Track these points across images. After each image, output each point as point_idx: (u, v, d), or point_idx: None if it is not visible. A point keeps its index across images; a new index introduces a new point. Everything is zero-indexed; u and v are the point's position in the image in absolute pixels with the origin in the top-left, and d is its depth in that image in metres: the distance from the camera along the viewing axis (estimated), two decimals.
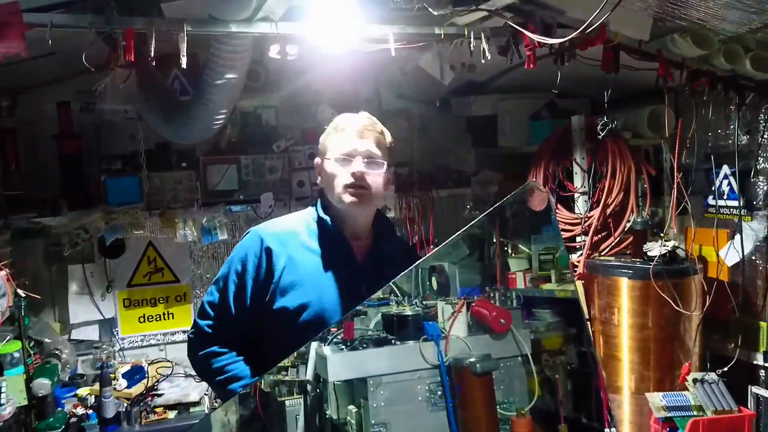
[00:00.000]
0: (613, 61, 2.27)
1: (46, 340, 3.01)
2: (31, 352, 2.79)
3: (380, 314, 2.81)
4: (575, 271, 2.89)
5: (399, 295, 3.01)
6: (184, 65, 1.88)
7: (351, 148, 1.74)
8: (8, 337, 2.54)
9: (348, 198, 1.74)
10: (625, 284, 2.63)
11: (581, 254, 2.87)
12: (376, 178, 1.76)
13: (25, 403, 2.61)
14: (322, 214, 1.82)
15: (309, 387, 2.16)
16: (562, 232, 2.91)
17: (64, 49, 1.79)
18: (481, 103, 3.57)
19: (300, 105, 3.59)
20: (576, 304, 2.71)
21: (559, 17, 2.07)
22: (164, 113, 2.80)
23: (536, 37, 1.99)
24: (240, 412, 1.87)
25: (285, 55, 2.08)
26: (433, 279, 3.53)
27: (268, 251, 1.75)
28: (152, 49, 1.79)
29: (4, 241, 2.66)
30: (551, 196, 2.80)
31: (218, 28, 2.00)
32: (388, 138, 1.83)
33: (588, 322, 2.45)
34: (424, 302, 3.02)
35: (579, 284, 2.82)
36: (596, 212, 2.82)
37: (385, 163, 1.78)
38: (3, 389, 2.35)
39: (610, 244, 2.83)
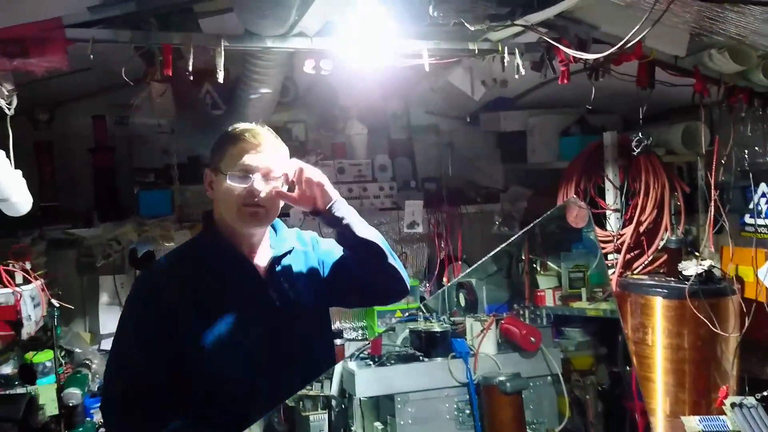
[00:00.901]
0: (648, 77, 2.24)
1: (77, 350, 3.04)
2: (62, 362, 2.82)
3: (408, 330, 2.80)
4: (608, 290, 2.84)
5: (425, 311, 3.00)
6: (221, 80, 1.90)
7: (248, 164, 1.59)
8: (44, 347, 2.58)
9: (246, 218, 1.60)
10: (659, 304, 2.57)
11: (613, 272, 2.82)
12: (274, 191, 1.61)
13: (56, 412, 2.63)
14: (209, 239, 1.68)
15: (334, 402, 2.14)
16: None
17: (99, 63, 1.83)
18: (510, 119, 3.56)
19: (329, 120, 3.61)
20: (607, 323, 2.66)
21: (593, 32, 2.06)
22: (198, 127, 2.84)
23: (572, 52, 1.97)
24: (263, 427, 1.84)
25: (319, 70, 2.10)
26: (461, 295, 3.52)
27: (164, 295, 1.59)
28: (190, 64, 1.82)
29: (39, 252, 2.71)
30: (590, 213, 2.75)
31: (254, 43, 2.02)
32: (285, 150, 1.69)
33: (627, 343, 2.40)
34: (452, 319, 3.00)
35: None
36: (629, 230, 2.78)
37: (282, 177, 1.63)
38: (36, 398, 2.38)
39: (644, 263, 2.78)
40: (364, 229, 1.66)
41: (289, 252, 1.73)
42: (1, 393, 2.36)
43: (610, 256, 2.88)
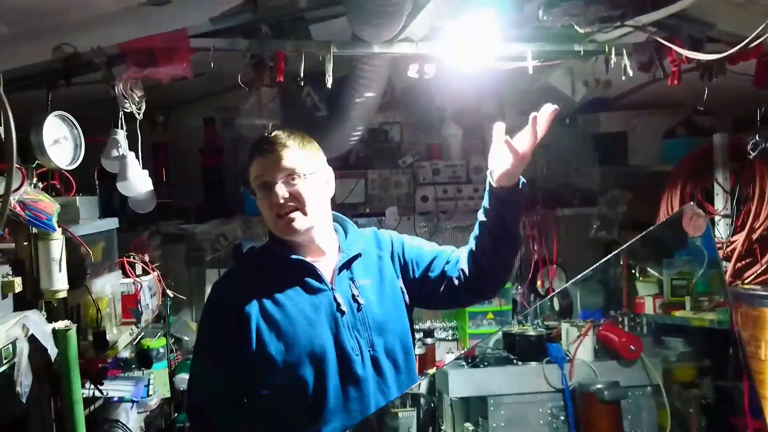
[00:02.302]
0: (767, 76, 2.11)
1: (185, 338, 3.25)
2: (173, 349, 3.03)
3: (501, 332, 2.78)
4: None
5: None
6: (329, 85, 1.97)
7: (265, 176, 1.58)
8: (159, 334, 2.78)
9: (284, 228, 1.58)
10: None
11: None
12: (302, 192, 1.58)
13: (168, 395, 2.83)
14: (272, 247, 1.68)
15: (423, 400, 2.17)
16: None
17: (211, 69, 1.95)
18: (611, 120, 3.44)
19: (424, 121, 3.64)
20: (714, 334, 2.53)
21: (708, 30, 1.96)
22: (303, 130, 2.95)
23: (686, 53, 1.88)
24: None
25: (423, 74, 2.13)
26: (555, 299, 3.45)
27: (236, 307, 1.60)
28: (301, 71, 1.91)
29: (155, 246, 2.92)
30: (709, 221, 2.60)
31: (362, 48, 2.07)
32: (306, 144, 1.65)
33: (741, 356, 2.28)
34: (546, 323, 2.96)
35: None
36: (740, 237, 2.62)
37: (308, 173, 1.60)
38: (151, 382, 2.57)
39: (757, 272, 2.62)
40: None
41: (359, 256, 1.68)
42: (122, 375, 2.56)
43: None
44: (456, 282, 1.69)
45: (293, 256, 1.63)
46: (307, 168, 1.60)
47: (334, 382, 1.57)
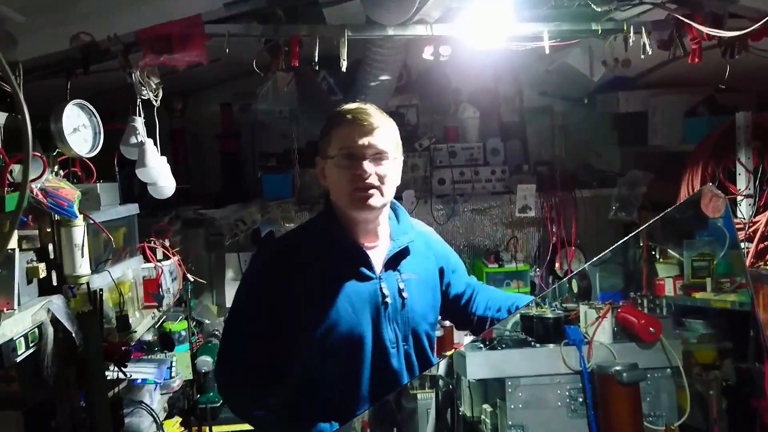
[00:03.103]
0: None
1: (206, 321, 3.30)
2: (195, 331, 3.08)
3: (519, 315, 2.77)
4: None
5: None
6: (344, 69, 1.96)
7: (356, 145, 1.52)
8: (180, 317, 2.83)
9: (358, 203, 1.54)
10: None
11: None
12: (386, 174, 1.54)
13: (190, 377, 2.88)
14: (326, 225, 1.62)
15: (441, 382, 2.19)
16: None
17: (226, 55, 1.95)
18: (630, 100, 3.39)
19: (441, 103, 3.63)
20: (735, 316, 2.50)
21: (729, 6, 1.91)
22: (319, 114, 2.97)
23: (707, 30, 1.84)
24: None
25: (438, 56, 2.11)
26: (573, 281, 3.43)
27: (280, 276, 1.58)
28: (316, 55, 1.91)
29: (176, 230, 2.96)
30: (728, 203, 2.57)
31: (376, 32, 2.05)
32: (394, 128, 1.60)
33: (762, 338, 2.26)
34: (564, 305, 2.94)
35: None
36: (763, 217, 2.59)
37: (395, 158, 1.57)
38: (173, 364, 2.62)
39: None
40: None
41: (409, 246, 1.66)
42: (145, 357, 2.61)
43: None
44: (463, 318, 1.83)
45: (348, 241, 1.60)
46: (394, 152, 1.58)
47: (367, 372, 1.58)
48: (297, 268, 1.58)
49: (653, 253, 3.23)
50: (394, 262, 1.63)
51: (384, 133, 1.55)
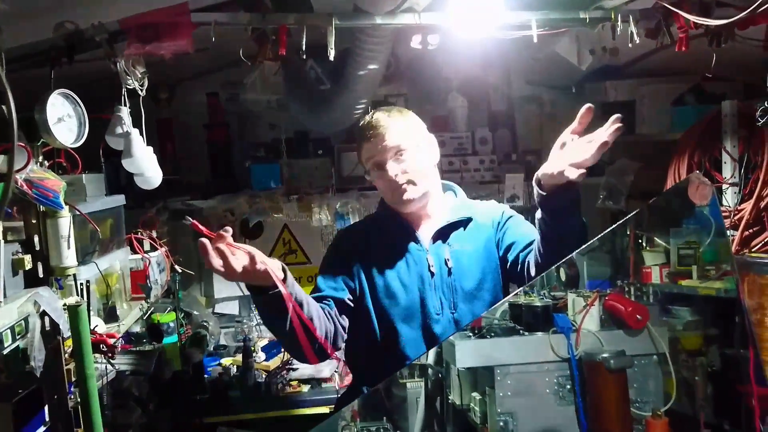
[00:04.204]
0: None
1: (195, 312, 3.29)
2: (183, 323, 3.07)
3: (507, 303, 2.78)
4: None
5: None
6: (332, 58, 1.96)
7: (376, 158, 1.76)
8: (168, 309, 2.81)
9: (400, 200, 1.77)
10: None
11: None
12: (412, 165, 1.75)
13: (180, 368, 2.88)
14: (381, 210, 1.89)
15: (430, 371, 2.20)
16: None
17: (214, 44, 1.94)
18: (617, 88, 3.41)
19: (429, 92, 3.62)
20: (720, 303, 2.53)
21: None
22: (308, 103, 2.95)
23: (694, 18, 1.85)
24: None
25: (426, 45, 2.11)
26: (561, 270, 3.45)
27: (350, 247, 1.83)
28: (303, 44, 1.89)
29: (163, 222, 2.94)
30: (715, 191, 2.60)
31: (364, 20, 2.06)
32: (406, 121, 1.80)
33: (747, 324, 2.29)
34: (552, 293, 2.96)
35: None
36: (748, 205, 2.61)
37: (413, 146, 1.76)
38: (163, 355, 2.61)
39: (764, 240, 2.61)
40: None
41: (462, 222, 1.83)
42: (133, 349, 2.60)
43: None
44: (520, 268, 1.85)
45: (398, 221, 1.82)
46: (411, 141, 1.76)
47: (415, 335, 1.77)
48: (357, 245, 1.82)
49: (640, 241, 3.25)
50: (443, 235, 1.82)
51: (394, 132, 1.74)
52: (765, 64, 2.36)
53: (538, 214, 1.68)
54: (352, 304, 1.81)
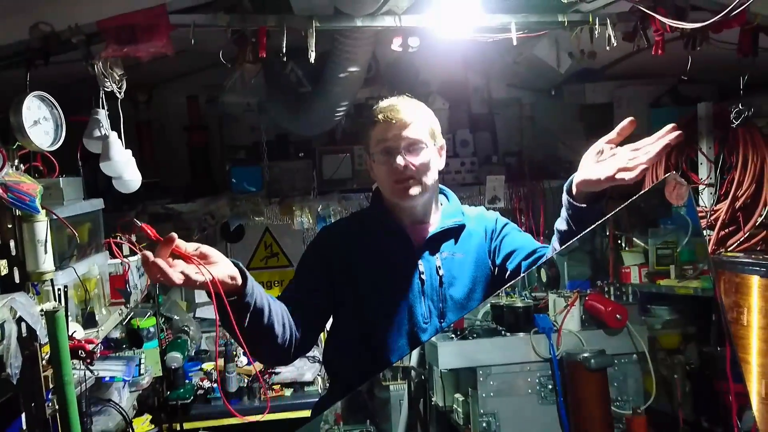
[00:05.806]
0: (751, 45, 2.11)
1: (175, 317, 3.26)
2: (163, 328, 3.03)
3: (489, 305, 2.80)
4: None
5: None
6: (312, 60, 1.95)
7: (389, 143, 1.63)
8: (148, 313, 2.78)
9: (399, 193, 1.66)
10: (756, 282, 2.46)
11: None
12: (423, 163, 1.64)
13: (160, 374, 2.84)
14: (373, 209, 1.80)
15: (413, 373, 2.20)
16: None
17: (193, 46, 1.92)
18: (596, 91, 3.44)
19: (410, 95, 3.62)
20: (698, 302, 2.57)
21: None
22: (288, 106, 2.94)
23: (670, 22, 1.87)
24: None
25: (407, 47, 2.11)
26: (542, 270, 3.47)
27: (334, 247, 1.73)
28: (284, 46, 1.88)
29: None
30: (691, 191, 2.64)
31: (344, 23, 2.04)
32: (428, 118, 1.70)
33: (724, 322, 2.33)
34: (533, 294, 2.98)
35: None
36: (723, 205, 2.66)
37: (429, 145, 1.66)
38: (142, 361, 2.58)
39: (739, 240, 2.65)
40: None
41: (454, 229, 1.75)
42: (113, 355, 2.57)
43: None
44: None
45: (390, 223, 1.72)
46: (429, 140, 1.66)
47: (400, 343, 1.70)
48: (342, 246, 1.72)
49: (619, 241, 3.29)
50: (435, 242, 1.73)
51: (416, 125, 1.65)
52: (739, 66, 2.41)
53: (562, 224, 1.66)
54: (327, 308, 1.72)
